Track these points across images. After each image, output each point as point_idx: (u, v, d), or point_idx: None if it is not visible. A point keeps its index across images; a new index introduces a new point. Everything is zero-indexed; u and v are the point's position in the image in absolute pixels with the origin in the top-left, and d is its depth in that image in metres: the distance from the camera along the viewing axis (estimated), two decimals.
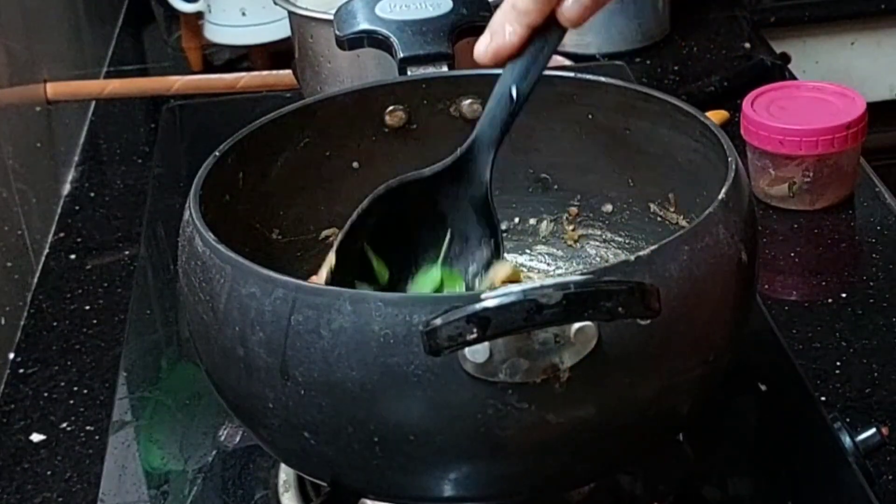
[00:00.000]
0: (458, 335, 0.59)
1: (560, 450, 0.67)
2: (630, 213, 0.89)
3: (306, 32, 1.14)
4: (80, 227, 1.25)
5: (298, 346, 0.65)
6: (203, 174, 0.77)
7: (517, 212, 0.93)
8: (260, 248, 0.84)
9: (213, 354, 0.71)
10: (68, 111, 1.40)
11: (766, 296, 1.05)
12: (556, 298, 0.58)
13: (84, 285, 1.15)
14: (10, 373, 1.03)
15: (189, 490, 0.86)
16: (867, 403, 0.92)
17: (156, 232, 1.20)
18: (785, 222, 1.16)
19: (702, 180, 0.79)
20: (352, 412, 0.65)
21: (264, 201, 0.85)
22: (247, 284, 0.67)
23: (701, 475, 0.83)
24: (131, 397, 0.97)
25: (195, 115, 1.44)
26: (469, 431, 0.64)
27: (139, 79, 1.56)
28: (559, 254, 0.93)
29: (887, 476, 0.85)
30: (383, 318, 0.63)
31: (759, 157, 1.16)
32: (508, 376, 0.62)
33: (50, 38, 1.40)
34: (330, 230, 0.91)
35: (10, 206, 1.13)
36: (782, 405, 0.90)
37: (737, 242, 0.71)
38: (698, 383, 0.71)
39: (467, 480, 0.69)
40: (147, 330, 1.05)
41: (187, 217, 0.73)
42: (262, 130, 0.83)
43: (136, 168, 1.37)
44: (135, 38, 1.77)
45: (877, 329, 1.00)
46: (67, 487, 0.90)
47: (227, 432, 0.90)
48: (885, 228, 1.14)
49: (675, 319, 0.65)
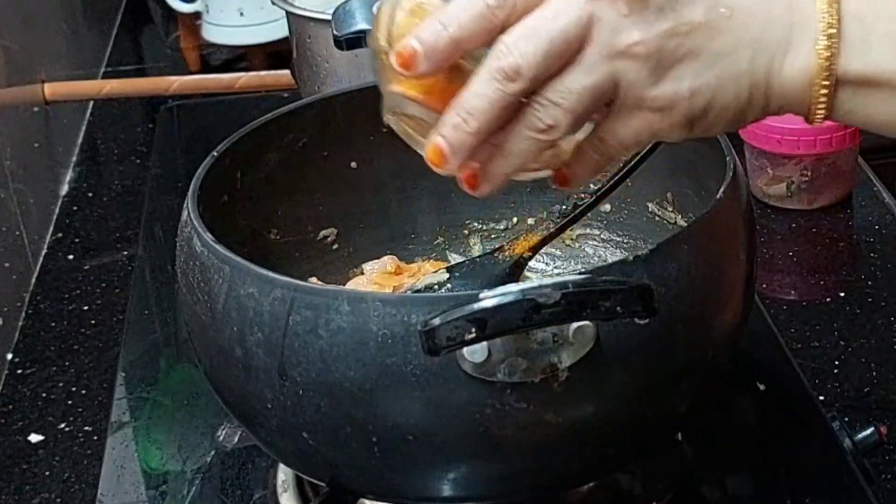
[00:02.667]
0: (457, 335, 0.59)
1: (559, 449, 0.67)
2: (628, 212, 0.89)
3: (304, 32, 1.14)
4: (79, 228, 1.25)
5: (297, 347, 0.65)
6: (201, 174, 0.77)
7: (516, 211, 0.93)
8: (258, 248, 0.84)
9: (212, 355, 0.71)
10: (66, 111, 1.40)
11: (764, 295, 1.05)
12: (555, 298, 0.58)
13: (82, 286, 1.15)
14: (9, 373, 1.03)
15: (188, 490, 0.86)
16: (866, 403, 0.92)
17: (154, 232, 1.20)
18: (783, 222, 1.16)
19: (700, 180, 0.79)
20: (350, 412, 0.65)
21: (262, 201, 0.85)
22: (245, 284, 0.67)
23: (699, 474, 0.83)
24: (129, 398, 0.97)
25: (193, 116, 1.44)
26: (467, 431, 0.64)
27: (137, 79, 1.56)
28: (557, 253, 0.93)
29: (886, 475, 0.85)
30: (381, 318, 0.63)
31: (757, 157, 1.16)
32: (507, 376, 0.62)
33: (48, 38, 1.40)
34: (328, 230, 0.91)
35: (8, 206, 1.13)
36: (781, 404, 0.90)
37: (735, 242, 0.71)
38: (697, 382, 0.71)
39: (466, 480, 0.69)
40: (145, 330, 1.05)
41: (185, 217, 0.73)
42: (261, 130, 0.83)
43: (134, 168, 1.37)
44: (133, 38, 1.77)
45: (875, 328, 1.00)
46: (66, 488, 0.90)
47: (226, 432, 0.90)
48: (883, 227, 1.14)
49: (673, 319, 0.65)
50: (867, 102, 0.59)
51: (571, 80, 0.58)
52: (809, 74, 0.59)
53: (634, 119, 0.60)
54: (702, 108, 0.59)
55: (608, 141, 0.61)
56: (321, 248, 0.91)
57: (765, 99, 0.60)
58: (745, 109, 0.60)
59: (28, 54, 1.29)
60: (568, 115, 0.58)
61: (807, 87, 0.59)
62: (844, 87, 0.59)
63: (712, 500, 0.83)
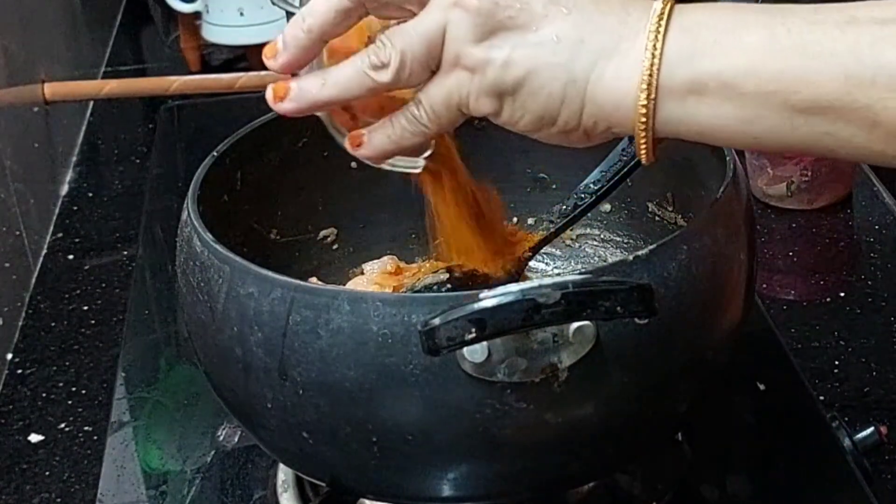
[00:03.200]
0: (457, 335, 0.59)
1: (558, 449, 0.67)
2: (628, 212, 0.89)
3: None
4: (79, 228, 1.25)
5: (297, 346, 0.65)
6: (201, 174, 0.77)
7: (516, 211, 0.93)
8: (258, 248, 0.84)
9: (212, 354, 0.71)
10: (66, 111, 1.40)
11: (764, 295, 1.05)
12: (555, 298, 0.58)
13: (82, 286, 1.15)
14: (9, 373, 1.03)
15: (188, 490, 0.86)
16: (865, 403, 0.92)
17: (154, 232, 1.20)
18: (783, 222, 1.16)
19: (700, 180, 0.79)
20: (350, 412, 0.65)
21: (262, 201, 0.85)
22: (245, 284, 0.67)
23: (699, 474, 0.83)
24: (130, 397, 0.97)
25: (193, 116, 1.44)
26: (467, 431, 0.64)
27: (137, 79, 1.56)
28: (557, 253, 0.93)
29: (886, 475, 0.85)
30: (381, 318, 0.63)
31: (757, 157, 1.16)
32: (507, 376, 0.62)
33: (48, 38, 1.40)
34: (328, 230, 0.91)
35: (9, 206, 1.13)
36: (781, 404, 0.90)
37: (735, 242, 0.71)
38: (696, 382, 0.71)
39: (466, 480, 0.69)
40: (145, 330, 1.05)
41: (185, 217, 0.73)
42: (261, 130, 0.83)
43: (134, 168, 1.37)
44: (133, 38, 1.76)
45: (875, 328, 1.00)
46: (66, 488, 0.90)
47: (226, 432, 0.90)
48: (883, 227, 1.14)
49: (673, 319, 0.65)
50: (696, 111, 0.60)
51: (409, 24, 0.62)
52: (631, 83, 0.60)
53: (448, 78, 0.62)
54: (512, 83, 0.61)
55: (422, 103, 0.63)
56: (321, 248, 0.91)
57: (580, 102, 0.61)
58: (557, 105, 0.61)
59: (28, 54, 1.29)
60: (398, 56, 0.62)
61: (629, 95, 0.60)
62: (671, 97, 0.60)
63: (712, 500, 0.83)
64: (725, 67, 0.59)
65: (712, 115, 0.60)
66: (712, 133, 0.61)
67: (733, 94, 0.59)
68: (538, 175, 0.92)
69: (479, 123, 0.90)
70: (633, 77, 0.60)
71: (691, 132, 0.61)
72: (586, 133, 0.63)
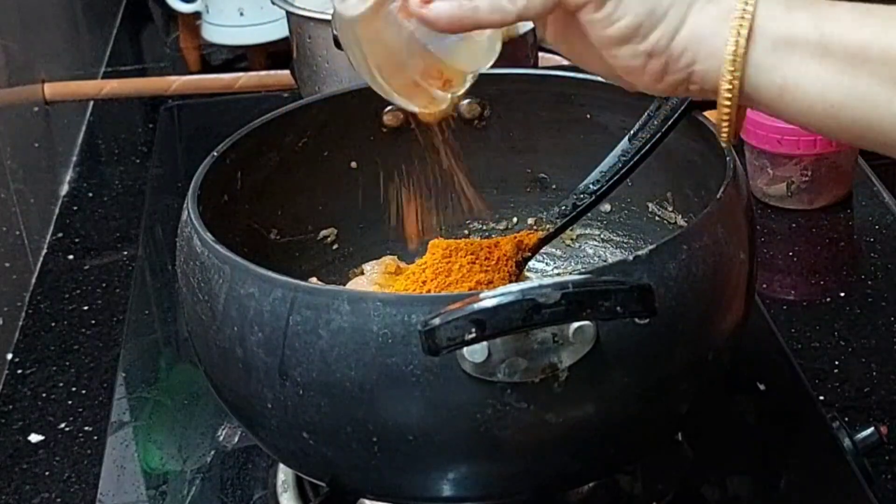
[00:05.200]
0: (457, 335, 0.59)
1: (559, 449, 0.67)
2: (628, 212, 0.89)
3: (304, 32, 1.14)
4: (79, 228, 1.25)
5: (297, 347, 0.65)
6: (201, 174, 0.77)
7: (516, 211, 0.93)
8: (258, 247, 0.84)
9: (212, 354, 0.71)
10: (66, 111, 1.40)
11: (764, 295, 1.05)
12: (555, 298, 0.58)
13: (82, 286, 1.15)
14: (9, 373, 1.03)
15: (188, 490, 0.86)
16: (866, 403, 0.92)
17: (154, 232, 1.20)
18: (783, 222, 1.16)
19: (700, 180, 0.79)
20: (350, 412, 0.65)
21: (262, 201, 0.85)
22: (245, 284, 0.67)
23: (700, 474, 0.83)
24: (130, 398, 0.97)
25: (193, 116, 1.44)
26: (468, 431, 0.64)
27: (137, 79, 1.56)
28: (557, 253, 0.93)
29: (886, 475, 0.85)
30: (382, 318, 0.63)
31: (757, 157, 1.16)
32: (507, 376, 0.62)
33: (47, 38, 1.40)
34: (328, 230, 0.91)
35: (9, 206, 1.13)
36: (781, 405, 0.90)
37: (735, 242, 0.71)
38: (697, 383, 0.71)
39: (466, 480, 0.69)
40: (145, 330, 1.05)
41: (185, 217, 0.73)
42: (261, 130, 0.83)
43: (135, 168, 1.37)
44: (133, 38, 1.77)
45: (875, 328, 1.00)
46: (66, 488, 0.90)
47: (226, 432, 0.90)
48: (883, 227, 1.14)
49: (673, 319, 0.65)
50: (785, 63, 0.61)
51: None
52: (730, 18, 0.61)
53: None
54: None
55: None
56: (321, 248, 0.91)
57: (679, 22, 0.62)
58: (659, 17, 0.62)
59: (28, 54, 1.29)
60: None
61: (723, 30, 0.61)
62: (763, 40, 0.61)
63: (712, 500, 0.83)
64: (818, 26, 0.60)
65: (798, 72, 0.61)
66: (793, 92, 0.62)
67: (825, 52, 0.60)
68: (538, 175, 0.92)
69: (479, 123, 0.90)
70: (732, 13, 0.61)
71: (773, 86, 0.62)
72: (666, 65, 0.63)
